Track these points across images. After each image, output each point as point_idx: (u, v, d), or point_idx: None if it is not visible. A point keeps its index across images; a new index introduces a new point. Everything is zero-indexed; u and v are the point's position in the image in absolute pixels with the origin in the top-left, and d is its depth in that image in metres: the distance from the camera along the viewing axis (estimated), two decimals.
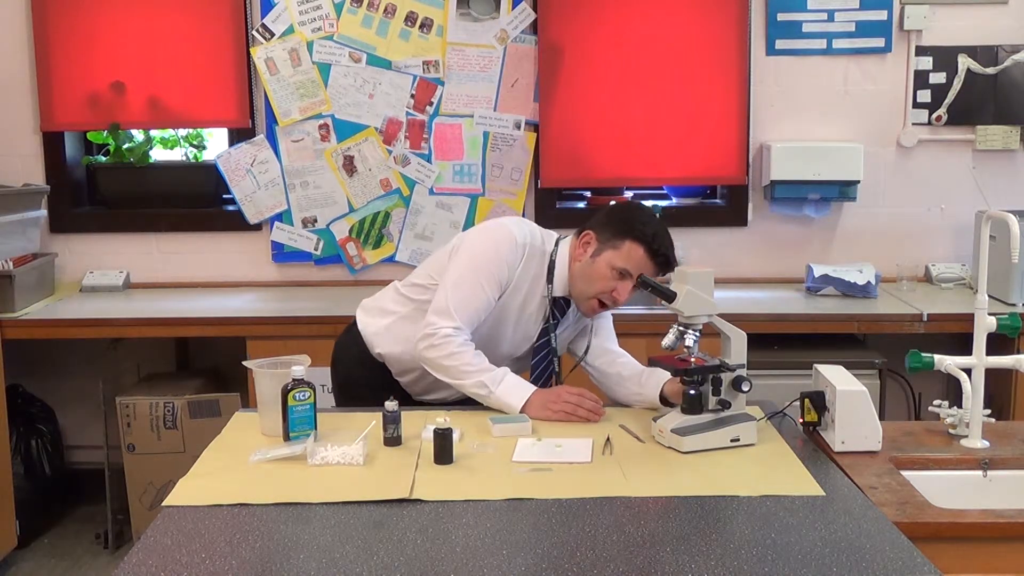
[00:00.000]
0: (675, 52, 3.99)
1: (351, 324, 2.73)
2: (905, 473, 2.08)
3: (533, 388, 2.41)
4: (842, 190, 3.93)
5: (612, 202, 2.55)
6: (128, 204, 4.17)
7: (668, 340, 2.26)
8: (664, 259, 2.42)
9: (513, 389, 2.39)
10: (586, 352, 2.60)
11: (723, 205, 4.20)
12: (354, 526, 1.81)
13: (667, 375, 2.41)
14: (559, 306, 2.54)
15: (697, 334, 2.23)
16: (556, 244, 2.53)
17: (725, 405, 2.21)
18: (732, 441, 2.18)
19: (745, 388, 2.22)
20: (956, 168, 4.06)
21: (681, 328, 2.24)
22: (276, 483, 2.00)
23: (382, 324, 2.62)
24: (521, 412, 2.35)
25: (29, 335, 3.59)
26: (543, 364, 2.56)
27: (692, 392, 2.21)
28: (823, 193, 3.94)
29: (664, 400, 2.41)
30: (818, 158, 3.89)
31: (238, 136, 4.10)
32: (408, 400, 2.61)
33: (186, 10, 3.99)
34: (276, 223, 4.09)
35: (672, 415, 2.23)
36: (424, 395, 2.64)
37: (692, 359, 2.23)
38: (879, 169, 4.04)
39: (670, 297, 2.23)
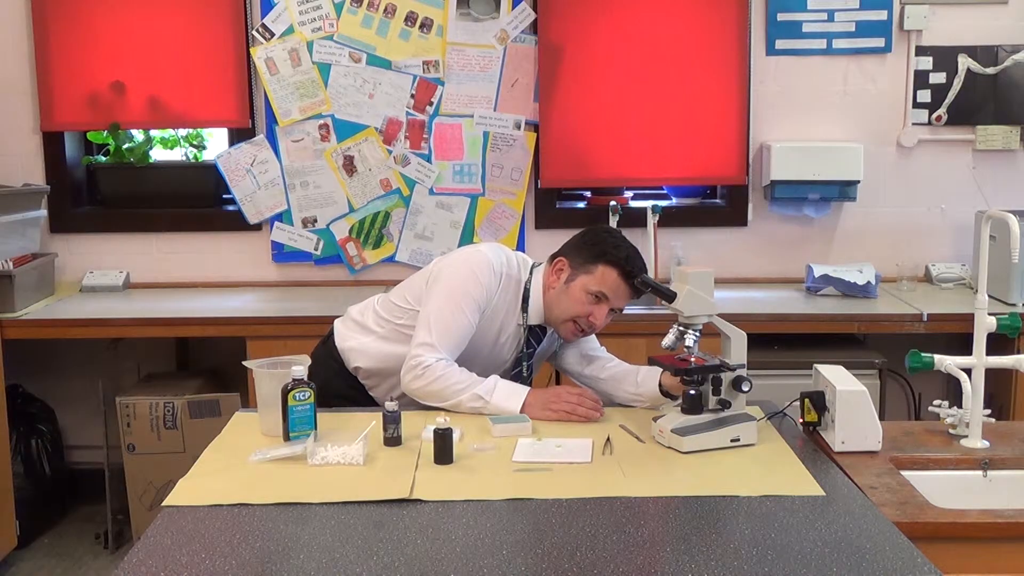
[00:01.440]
0: (675, 52, 3.99)
1: (327, 336, 2.75)
2: (905, 473, 2.08)
3: (527, 390, 2.41)
4: (842, 190, 3.93)
5: (582, 230, 2.57)
6: (128, 204, 4.17)
7: (668, 340, 2.26)
8: (636, 276, 2.43)
9: (508, 394, 2.39)
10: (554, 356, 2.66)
11: (723, 205, 4.20)
12: (354, 526, 1.81)
13: (660, 371, 2.42)
14: (535, 334, 2.57)
15: (697, 334, 2.23)
16: (531, 272, 2.55)
17: (725, 405, 2.21)
18: (732, 441, 2.18)
19: (745, 388, 2.22)
20: (956, 168, 4.06)
21: (681, 328, 2.24)
22: (276, 483, 2.00)
23: (360, 341, 2.64)
24: (521, 411, 2.35)
25: (29, 335, 3.59)
26: None
27: (692, 392, 2.21)
28: (823, 193, 3.94)
29: (665, 393, 2.41)
30: (818, 158, 3.89)
31: (238, 136, 4.10)
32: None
33: (186, 10, 3.99)
34: (276, 223, 4.09)
35: (672, 415, 2.23)
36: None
37: (692, 359, 2.23)
38: (879, 169, 4.04)
39: (670, 297, 2.23)
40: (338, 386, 2.63)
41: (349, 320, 2.73)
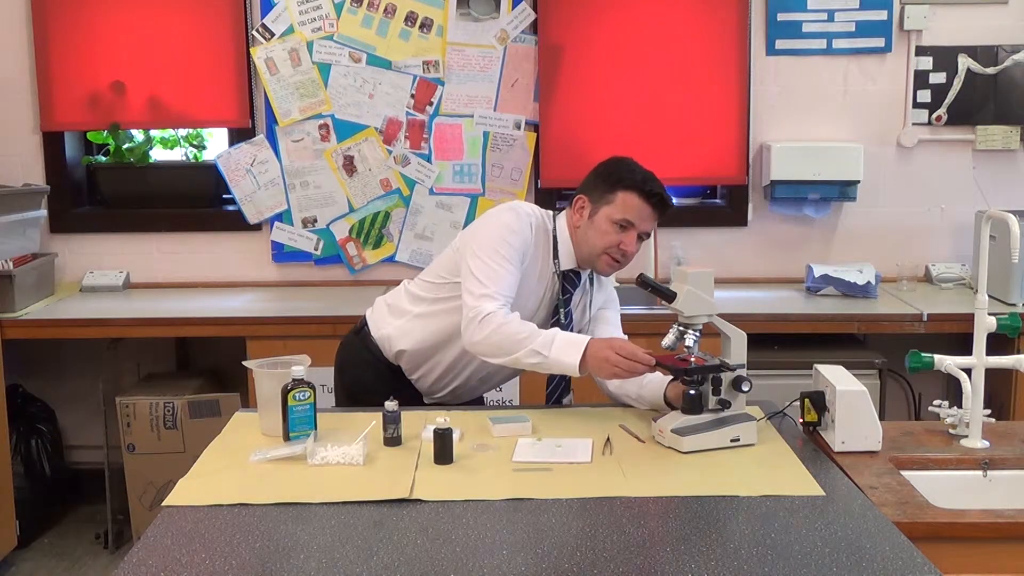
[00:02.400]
0: (675, 52, 3.99)
1: (357, 329, 2.71)
2: (905, 473, 2.08)
3: (586, 341, 2.29)
4: (842, 190, 3.93)
5: None
6: (128, 204, 4.17)
7: (668, 340, 2.26)
8: (659, 198, 2.42)
9: (566, 347, 2.28)
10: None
11: (723, 205, 4.20)
12: (354, 526, 1.81)
13: (666, 378, 2.40)
14: (569, 280, 2.52)
15: (697, 334, 2.23)
16: (554, 219, 2.53)
17: (725, 405, 2.21)
18: (732, 441, 2.18)
19: (745, 388, 2.22)
20: (956, 168, 4.06)
21: (681, 328, 2.24)
22: (276, 483, 2.00)
23: (396, 325, 2.60)
24: (580, 368, 2.27)
25: (29, 335, 3.59)
26: None
27: (692, 392, 2.21)
28: (823, 193, 3.94)
29: (669, 403, 2.39)
30: (818, 158, 3.89)
31: (238, 136, 4.10)
32: (418, 403, 2.62)
33: (186, 10, 3.99)
34: (276, 223, 4.09)
35: (672, 415, 2.23)
36: (436, 394, 2.63)
37: (692, 359, 2.23)
38: (879, 169, 4.04)
39: (670, 297, 2.23)
40: (370, 381, 2.61)
41: (382, 307, 2.69)
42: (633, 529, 1.79)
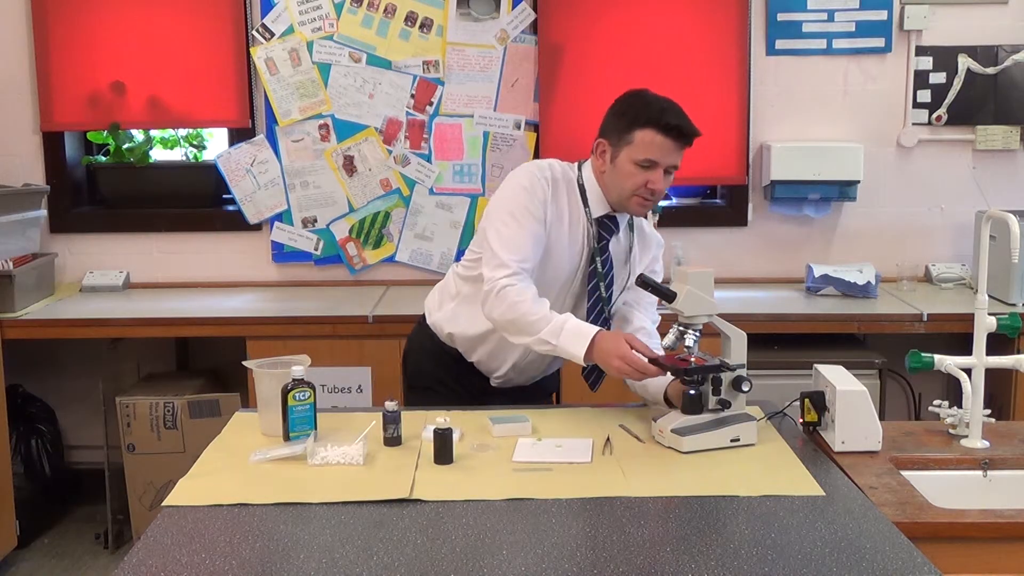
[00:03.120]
0: (675, 52, 3.99)
1: (421, 319, 2.71)
2: (905, 473, 2.08)
3: (594, 332, 2.26)
4: (842, 190, 3.93)
5: None
6: (128, 204, 4.17)
7: (668, 340, 2.26)
8: (678, 130, 2.32)
9: (574, 338, 2.25)
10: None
11: (723, 205, 4.20)
12: (354, 526, 1.81)
13: (668, 376, 2.39)
14: (605, 226, 2.46)
15: (697, 334, 2.23)
16: (579, 169, 2.49)
17: (725, 405, 2.21)
18: (732, 441, 2.18)
19: (745, 388, 2.22)
20: (956, 168, 4.06)
21: (681, 328, 2.24)
22: (276, 483, 2.00)
23: (448, 308, 2.59)
24: (585, 359, 2.25)
25: (29, 335, 3.59)
26: (595, 296, 2.46)
27: (692, 392, 2.21)
28: (823, 193, 3.94)
29: (668, 401, 2.38)
30: (818, 158, 3.89)
31: (238, 136, 4.10)
32: (481, 391, 2.59)
33: (186, 10, 3.99)
34: (276, 223, 4.09)
35: (672, 415, 2.23)
36: (497, 373, 2.59)
37: (692, 359, 2.23)
38: (879, 169, 4.04)
39: (670, 297, 2.23)
40: (430, 368, 2.61)
41: (434, 293, 2.68)
42: (633, 529, 1.79)
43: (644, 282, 2.30)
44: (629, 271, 2.53)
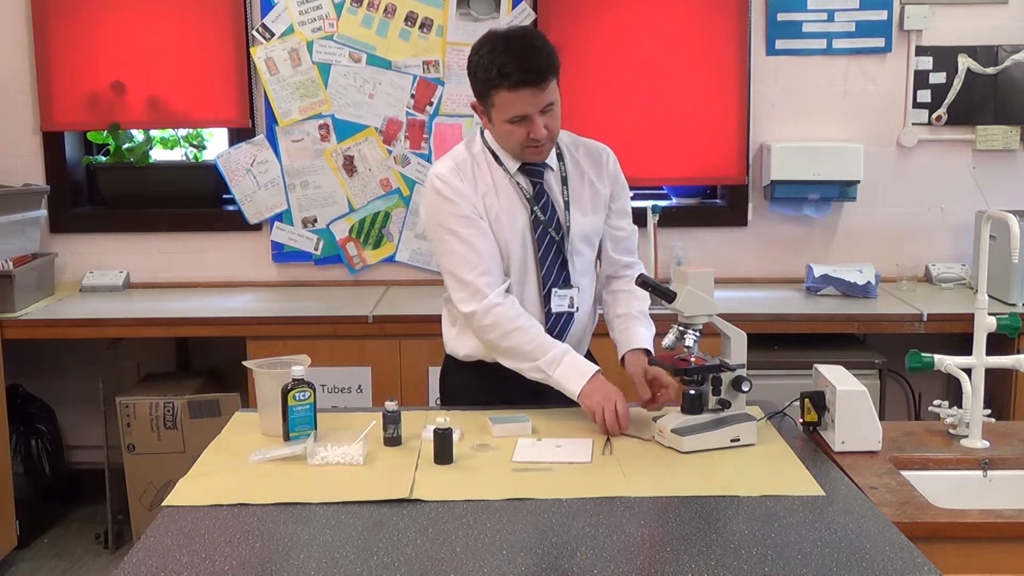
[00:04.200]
0: (675, 52, 3.99)
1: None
2: (905, 473, 2.08)
3: (593, 371, 2.29)
4: (842, 190, 3.93)
5: None
6: (128, 204, 4.17)
7: (668, 340, 2.26)
8: (526, 79, 2.22)
9: (571, 374, 2.28)
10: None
11: (723, 205, 4.20)
12: (354, 526, 1.81)
13: (642, 337, 2.40)
14: (532, 172, 2.41)
15: (697, 334, 2.23)
16: (483, 135, 2.45)
17: (725, 405, 2.21)
18: (732, 441, 2.18)
19: (745, 388, 2.22)
20: (956, 168, 4.06)
21: (681, 328, 2.24)
22: (276, 483, 2.00)
23: (453, 332, 2.54)
24: (579, 397, 2.28)
25: (29, 335, 3.59)
26: (545, 240, 2.41)
27: (692, 392, 2.21)
28: (823, 193, 3.94)
29: (622, 364, 2.38)
30: (818, 158, 3.89)
31: (238, 136, 4.10)
32: (523, 392, 2.45)
33: (186, 10, 3.99)
34: (276, 223, 4.09)
35: (672, 415, 2.23)
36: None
37: (692, 359, 2.23)
38: (879, 169, 4.04)
39: (670, 297, 2.23)
40: (457, 385, 2.55)
41: (444, 316, 2.61)
42: (633, 529, 1.79)
43: (644, 282, 2.30)
44: (588, 194, 2.46)
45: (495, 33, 2.34)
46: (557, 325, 2.44)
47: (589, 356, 2.59)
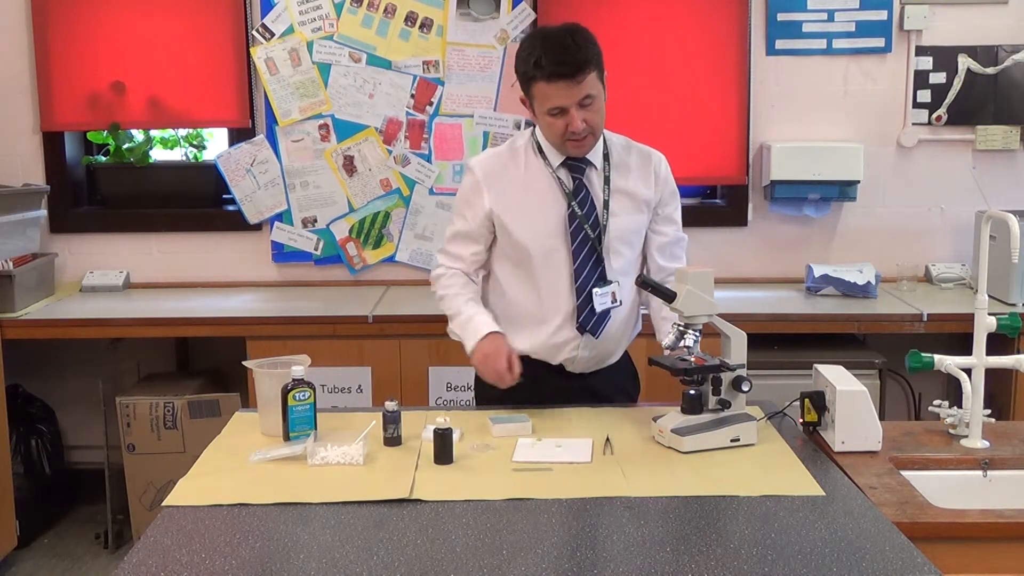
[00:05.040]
0: (675, 52, 3.99)
1: None
2: (905, 473, 2.08)
3: (480, 335, 2.40)
4: (842, 190, 3.93)
5: None
6: (128, 204, 4.17)
7: (668, 340, 2.26)
8: (561, 71, 2.31)
9: (469, 335, 2.43)
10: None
11: (723, 205, 4.20)
12: (354, 526, 1.81)
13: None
14: (575, 168, 2.45)
15: (697, 334, 2.23)
16: (535, 128, 2.51)
17: (725, 405, 2.22)
18: (732, 441, 2.18)
19: (745, 388, 2.22)
20: (956, 168, 4.06)
21: (681, 328, 2.24)
22: (276, 483, 2.00)
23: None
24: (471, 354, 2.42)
25: (29, 335, 3.59)
26: (580, 236, 2.43)
27: (692, 392, 2.21)
28: (823, 193, 3.94)
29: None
30: (818, 158, 3.89)
31: (238, 136, 4.10)
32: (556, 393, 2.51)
33: (186, 10, 3.99)
34: (276, 223, 4.09)
35: (672, 415, 2.23)
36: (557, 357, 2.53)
37: (692, 359, 2.23)
38: (879, 169, 4.04)
39: (670, 297, 2.23)
40: (495, 391, 2.52)
41: None
42: (633, 529, 1.79)
43: (644, 282, 2.31)
44: (631, 196, 2.49)
45: (540, 29, 2.50)
46: (592, 319, 2.43)
47: (627, 358, 2.63)
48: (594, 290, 2.43)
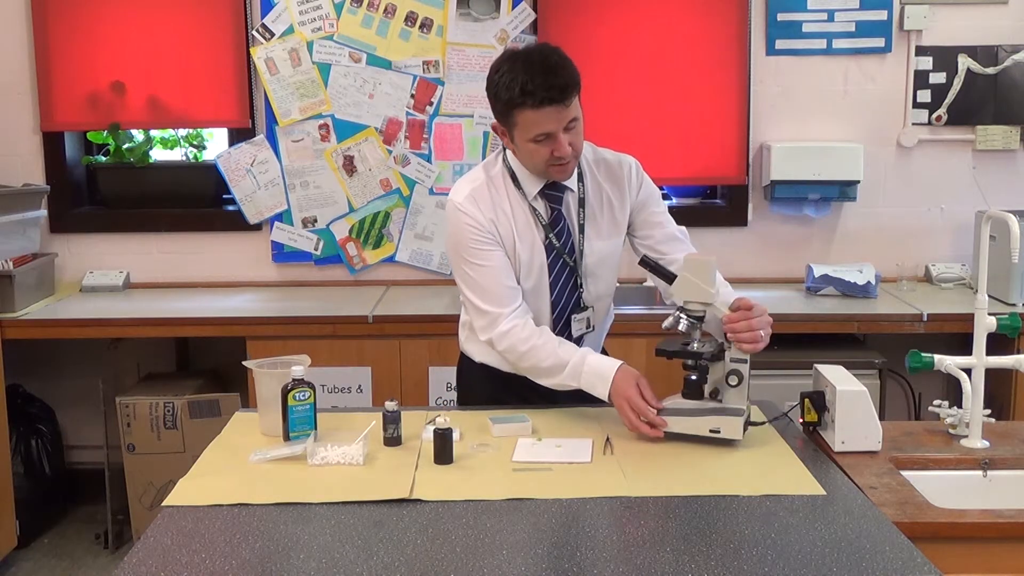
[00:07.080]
0: (675, 52, 3.99)
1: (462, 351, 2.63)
2: (905, 473, 2.08)
3: (614, 370, 2.25)
4: (842, 190, 3.93)
5: None
6: (128, 204, 4.17)
7: (668, 321, 2.26)
8: (550, 96, 2.17)
9: (596, 382, 2.27)
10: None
11: (723, 205, 4.20)
12: (354, 526, 1.81)
13: (730, 294, 2.30)
14: (551, 197, 2.39)
15: (692, 320, 2.22)
16: (504, 155, 2.42)
17: (714, 396, 2.22)
18: (711, 431, 2.17)
19: (732, 382, 2.19)
20: (956, 168, 4.06)
21: (678, 314, 2.25)
22: (276, 483, 2.00)
23: (472, 338, 2.52)
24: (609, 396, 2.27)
25: (29, 335, 3.59)
26: (558, 265, 2.40)
27: (693, 378, 2.21)
28: (823, 193, 3.94)
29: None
30: (818, 158, 3.89)
31: (238, 136, 4.10)
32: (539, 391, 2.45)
33: (186, 10, 3.99)
34: (276, 223, 4.09)
35: (672, 398, 2.24)
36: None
37: (694, 344, 2.23)
38: (879, 169, 4.04)
39: (669, 279, 2.25)
40: (480, 392, 2.54)
41: (462, 319, 2.59)
42: (633, 529, 1.79)
43: (645, 262, 2.32)
44: (607, 218, 2.43)
45: (514, 52, 2.30)
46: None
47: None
48: (572, 316, 2.43)
